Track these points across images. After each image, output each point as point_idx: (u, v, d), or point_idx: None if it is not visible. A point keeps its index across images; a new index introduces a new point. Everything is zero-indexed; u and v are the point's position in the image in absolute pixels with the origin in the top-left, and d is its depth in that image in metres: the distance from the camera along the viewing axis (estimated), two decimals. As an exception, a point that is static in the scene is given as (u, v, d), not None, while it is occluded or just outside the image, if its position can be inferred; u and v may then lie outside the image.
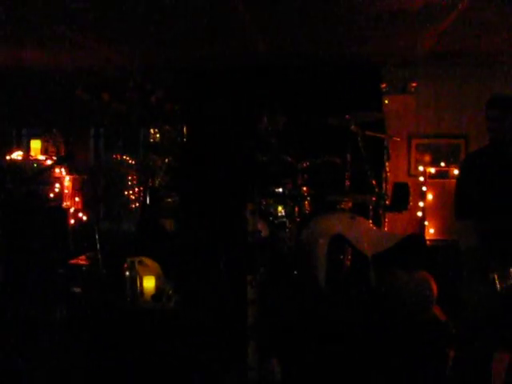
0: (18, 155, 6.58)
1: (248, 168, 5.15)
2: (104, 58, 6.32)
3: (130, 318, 4.23)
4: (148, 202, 5.80)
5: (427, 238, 6.20)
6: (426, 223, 6.32)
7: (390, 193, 5.44)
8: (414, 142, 6.78)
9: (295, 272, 4.70)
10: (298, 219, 5.03)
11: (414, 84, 6.51)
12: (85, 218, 6.75)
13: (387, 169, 5.44)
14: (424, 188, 6.43)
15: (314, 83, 6.42)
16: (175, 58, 6.41)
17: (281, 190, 5.14)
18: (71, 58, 6.31)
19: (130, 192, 7.06)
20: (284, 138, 5.47)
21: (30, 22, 4.93)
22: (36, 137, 6.87)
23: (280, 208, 5.20)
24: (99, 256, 5.17)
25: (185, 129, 5.22)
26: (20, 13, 4.64)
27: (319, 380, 3.52)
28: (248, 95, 6.35)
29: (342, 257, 4.91)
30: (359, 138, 5.22)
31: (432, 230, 6.32)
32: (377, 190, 5.27)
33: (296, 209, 5.03)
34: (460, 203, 3.41)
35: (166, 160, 6.00)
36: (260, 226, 4.75)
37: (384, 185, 5.43)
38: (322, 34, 5.31)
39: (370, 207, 5.27)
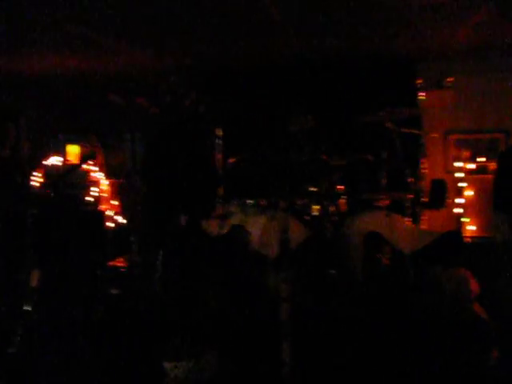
0: (56, 160, 6.68)
1: (280, 167, 5.14)
2: (138, 62, 6.39)
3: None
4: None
5: (466, 235, 6.08)
6: (465, 220, 6.19)
7: (426, 190, 5.33)
8: (452, 137, 6.66)
9: (332, 271, 4.66)
10: (335, 217, 4.98)
11: (450, 79, 6.38)
12: (122, 221, 6.82)
13: (423, 165, 5.34)
14: (462, 184, 6.29)
15: (347, 80, 6.36)
16: (207, 60, 6.43)
17: (316, 189, 5.10)
18: (105, 63, 6.40)
19: (167, 194, 7.10)
20: (318, 137, 5.44)
21: (64, 29, 5.02)
22: (73, 142, 6.97)
23: (315, 207, 5.16)
24: (136, 258, 5.23)
25: (218, 130, 5.21)
26: (54, 19, 4.71)
27: (355, 377, 3.47)
28: (281, 95, 6.33)
29: (378, 255, 4.85)
30: (394, 135, 5.16)
31: (472, 227, 6.19)
32: (413, 187, 5.20)
33: (332, 207, 4.99)
34: (497, 196, 3.33)
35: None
36: (295, 225, 4.77)
37: (421, 182, 5.33)
38: (355, 29, 5.26)
39: (407, 205, 5.20)
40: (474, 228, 6.19)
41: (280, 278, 2.41)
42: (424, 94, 6.41)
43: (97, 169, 6.76)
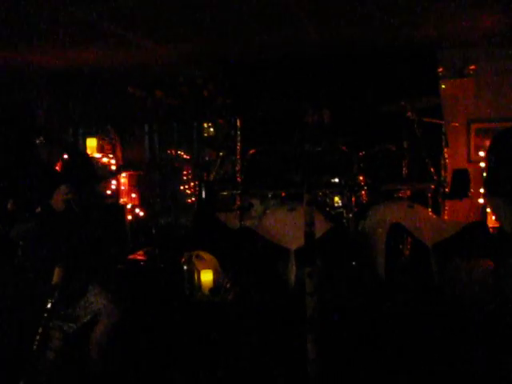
0: (75, 154, 6.70)
1: (300, 158, 5.10)
2: (155, 55, 6.36)
3: (188, 311, 4.25)
4: (204, 196, 5.81)
5: (491, 225, 5.98)
6: (489, 210, 6.09)
7: (449, 180, 5.26)
8: (474, 126, 6.55)
9: (354, 263, 4.62)
10: (356, 209, 4.94)
11: (472, 67, 6.29)
12: (142, 213, 6.83)
13: (446, 155, 5.27)
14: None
15: (368, 69, 6.29)
16: (225, 52, 6.39)
17: (337, 180, 5.07)
18: (123, 56, 6.38)
19: (186, 186, 7.11)
20: (339, 128, 5.40)
21: (82, 22, 5.00)
22: (92, 135, 6.99)
23: (337, 198, 5.13)
24: (157, 251, 5.22)
25: (238, 122, 5.18)
26: (71, 12, 4.70)
27: (376, 370, 3.44)
28: (301, 86, 6.28)
29: (401, 246, 4.81)
30: (416, 125, 5.09)
31: (496, 217, 6.09)
32: (435, 177, 5.14)
33: (353, 199, 4.95)
34: (494, 180, 3.25)
35: (221, 153, 5.99)
36: (316, 217, 4.73)
37: (443, 172, 5.26)
38: (375, 17, 5.17)
39: (429, 195, 5.15)
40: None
41: (305, 272, 2.37)
42: (446, 82, 6.35)
43: (115, 161, 6.78)
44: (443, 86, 6.37)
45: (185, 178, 7.12)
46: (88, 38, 5.63)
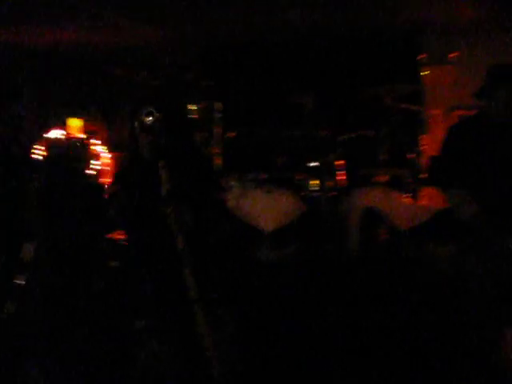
0: (58, 134, 6.69)
1: (279, 141, 5.15)
2: (140, 36, 6.37)
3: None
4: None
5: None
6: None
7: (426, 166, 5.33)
8: (454, 114, 6.59)
9: (328, 245, 4.69)
10: (333, 193, 5.01)
11: (454, 54, 6.31)
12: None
13: (423, 142, 5.32)
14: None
15: (349, 55, 6.31)
16: (209, 35, 6.40)
17: (315, 164, 5.13)
18: (108, 37, 6.39)
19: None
20: (318, 112, 5.44)
21: (67, 2, 5.00)
22: (74, 115, 6.97)
23: (314, 182, 5.19)
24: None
25: (220, 104, 5.23)
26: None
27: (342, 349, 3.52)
28: (282, 70, 6.31)
29: (374, 230, 4.88)
30: (394, 111, 5.14)
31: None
32: (413, 163, 5.21)
33: (330, 183, 5.01)
34: (451, 172, 3.28)
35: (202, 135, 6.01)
36: (293, 200, 4.81)
37: (421, 158, 5.32)
38: (357, 2, 5.19)
39: (407, 181, 5.21)
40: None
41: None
42: (427, 69, 6.38)
43: (99, 142, 6.77)
44: (425, 73, 6.39)
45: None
46: (74, 18, 5.62)
